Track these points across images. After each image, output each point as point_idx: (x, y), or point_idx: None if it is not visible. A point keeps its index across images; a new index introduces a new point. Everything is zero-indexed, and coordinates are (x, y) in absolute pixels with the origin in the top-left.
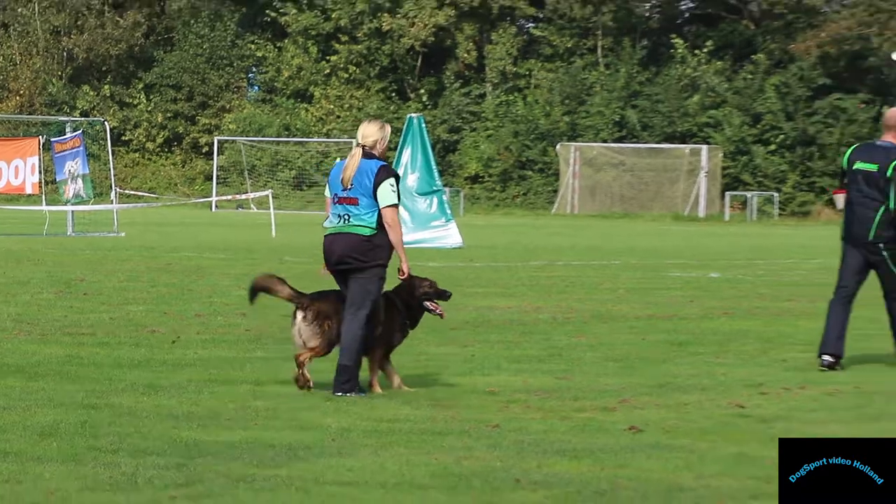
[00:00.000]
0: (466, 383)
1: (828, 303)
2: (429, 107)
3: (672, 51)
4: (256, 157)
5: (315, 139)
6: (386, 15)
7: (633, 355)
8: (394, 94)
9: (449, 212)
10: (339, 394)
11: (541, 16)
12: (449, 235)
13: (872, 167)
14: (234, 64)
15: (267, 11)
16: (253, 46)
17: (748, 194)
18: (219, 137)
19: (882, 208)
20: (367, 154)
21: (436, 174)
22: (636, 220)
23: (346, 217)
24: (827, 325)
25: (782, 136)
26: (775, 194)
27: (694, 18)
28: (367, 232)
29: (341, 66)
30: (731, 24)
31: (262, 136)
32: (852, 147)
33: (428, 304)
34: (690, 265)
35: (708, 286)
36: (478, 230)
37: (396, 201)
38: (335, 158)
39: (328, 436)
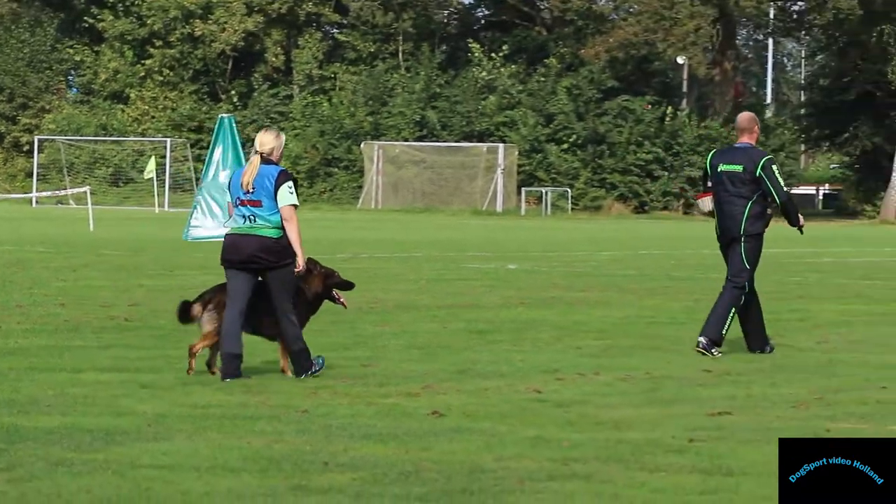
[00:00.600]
0: (276, 370)
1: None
2: (239, 108)
3: (469, 55)
4: (75, 156)
5: (131, 138)
6: (198, 21)
7: (436, 343)
8: (206, 96)
9: None
10: (304, 375)
11: (345, 22)
12: None
13: (737, 168)
14: (54, 67)
15: (85, 18)
16: (71, 51)
17: (543, 190)
18: (39, 137)
19: (749, 204)
20: (266, 160)
21: None
22: (437, 215)
23: (252, 218)
24: (712, 314)
25: (574, 136)
26: (568, 190)
27: (490, 25)
28: (275, 234)
29: (156, 69)
30: (524, 30)
31: (81, 136)
32: (712, 152)
33: (334, 292)
34: (489, 257)
35: (506, 277)
36: None
37: (296, 201)
38: (150, 156)
39: (144, 421)
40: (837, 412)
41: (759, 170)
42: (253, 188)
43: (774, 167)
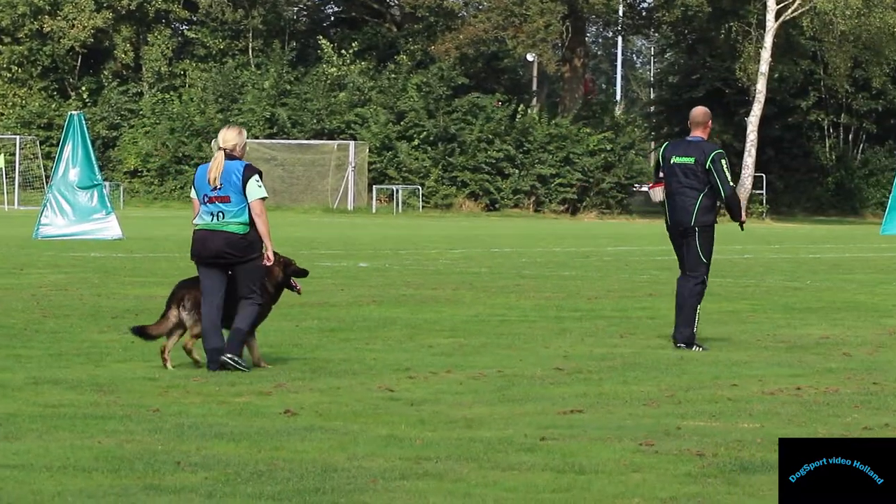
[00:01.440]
0: (127, 369)
1: (676, 281)
2: (89, 104)
3: (319, 52)
4: None
5: None
6: (47, 17)
7: (288, 342)
8: (55, 93)
9: (109, 205)
10: (228, 357)
11: (195, 19)
12: (109, 227)
13: (689, 160)
14: None
15: None
16: None
17: (394, 188)
18: None
19: (701, 196)
20: (229, 156)
21: (96, 169)
22: (288, 213)
23: (220, 214)
24: (677, 306)
25: (425, 133)
26: (419, 188)
27: (340, 21)
28: (242, 230)
29: (4, 66)
30: (374, 26)
31: None
32: (665, 144)
33: (293, 281)
34: (340, 255)
35: (357, 275)
36: (137, 222)
37: (265, 194)
38: None
39: None
40: (689, 410)
41: (708, 162)
42: (220, 184)
43: (723, 161)
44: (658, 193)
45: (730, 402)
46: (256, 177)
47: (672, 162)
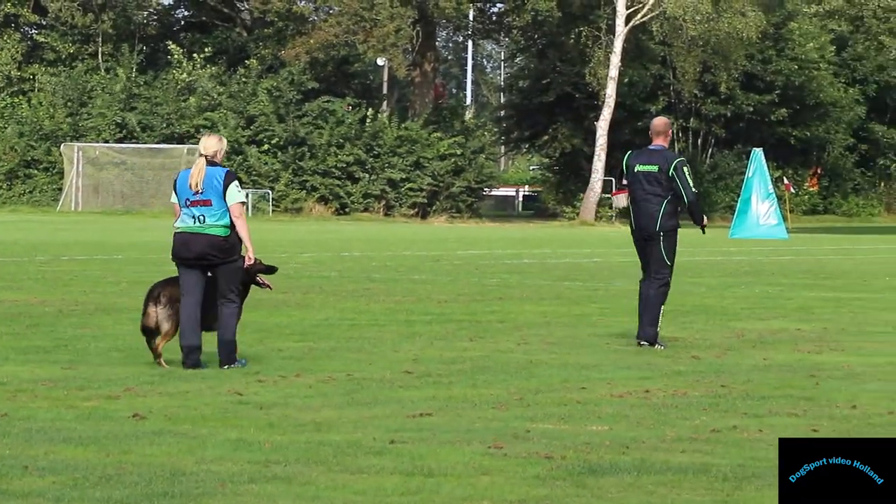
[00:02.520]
0: None
1: (639, 284)
2: None
3: (169, 56)
4: None
5: None
6: None
7: (137, 346)
8: None
9: None
10: (227, 367)
11: (44, 23)
12: None
13: (653, 168)
14: None
15: None
16: None
17: (244, 192)
18: None
19: (665, 202)
20: (210, 162)
21: None
22: (137, 217)
23: (202, 217)
24: (640, 307)
25: (275, 138)
26: (269, 192)
27: (189, 26)
28: (224, 233)
29: None
30: (224, 31)
31: None
32: (629, 153)
33: (258, 278)
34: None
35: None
36: None
37: (244, 199)
38: None
39: None
40: (538, 413)
41: (671, 170)
42: (202, 188)
43: (685, 168)
44: (622, 199)
45: (578, 405)
46: (236, 182)
47: (636, 170)
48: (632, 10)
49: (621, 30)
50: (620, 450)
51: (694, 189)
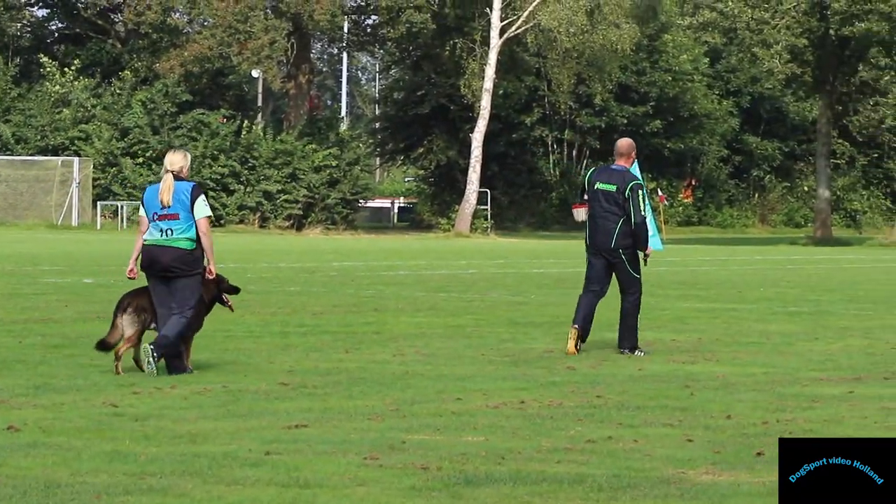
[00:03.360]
0: None
1: (578, 297)
2: None
3: (42, 69)
4: None
5: None
6: None
7: (11, 357)
8: None
9: None
10: (176, 374)
11: None
12: None
13: (611, 187)
14: None
15: None
16: None
17: (119, 204)
18: None
19: (621, 221)
20: (177, 177)
21: None
22: (11, 229)
23: (169, 231)
24: (577, 313)
25: (149, 150)
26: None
27: (63, 38)
28: (189, 246)
29: None
30: (98, 43)
31: None
32: (591, 170)
33: (224, 296)
34: (65, 271)
35: (82, 291)
36: None
37: (210, 213)
38: None
39: None
40: (413, 424)
41: (627, 190)
42: (171, 203)
43: (640, 192)
44: (581, 214)
45: (454, 416)
46: (203, 197)
47: (596, 187)
48: (506, 22)
49: (496, 42)
50: (496, 460)
51: (644, 213)
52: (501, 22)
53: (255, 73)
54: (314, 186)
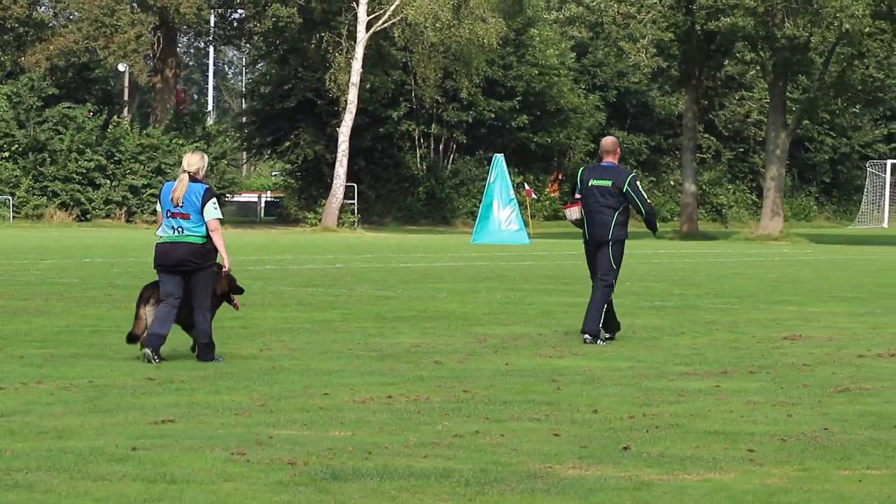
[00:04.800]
0: None
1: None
2: None
3: None
4: None
5: None
6: None
7: None
8: None
9: None
10: (212, 361)
11: None
12: None
13: (606, 183)
14: None
15: None
16: None
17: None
18: None
19: (616, 214)
20: (193, 178)
21: None
22: None
23: (181, 229)
24: (589, 310)
25: (15, 144)
26: (10, 198)
27: None
28: (200, 241)
29: None
30: None
31: None
32: (582, 168)
33: (233, 296)
34: None
35: None
36: None
37: (220, 216)
38: None
39: None
40: (280, 419)
41: (626, 186)
42: (182, 203)
43: (639, 183)
44: (575, 212)
45: (321, 411)
46: (214, 200)
47: (590, 184)
48: (373, 16)
49: (362, 36)
50: (363, 455)
51: (649, 201)
52: (368, 16)
53: (121, 67)
54: None
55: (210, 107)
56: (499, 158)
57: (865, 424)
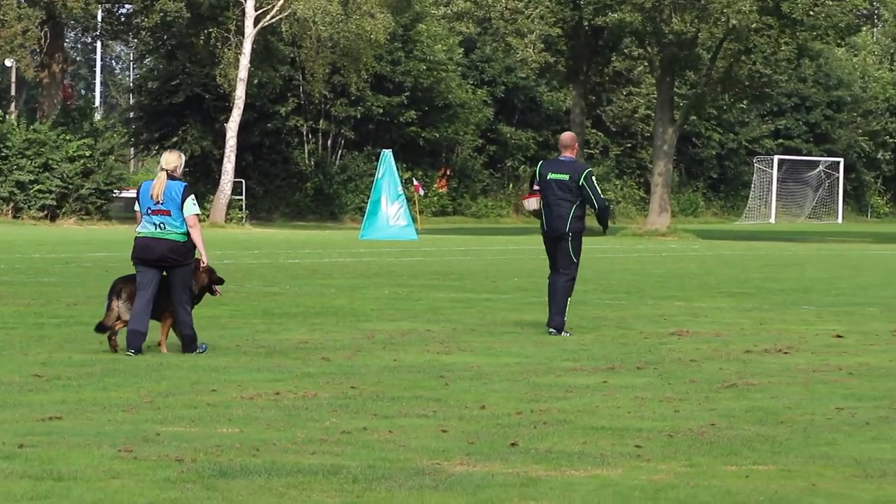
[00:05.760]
0: None
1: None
2: None
3: None
4: None
5: None
6: None
7: None
8: None
9: None
10: (195, 352)
11: None
12: None
13: (564, 176)
14: None
15: None
16: None
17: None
18: None
19: (573, 207)
20: (171, 176)
21: None
22: None
23: (162, 225)
24: (550, 297)
25: None
26: None
27: None
28: (182, 239)
29: None
30: None
31: None
32: (541, 163)
33: (214, 286)
34: None
35: None
36: None
37: (199, 212)
38: None
39: None
40: (168, 415)
41: (582, 179)
42: (162, 200)
43: (594, 178)
44: (533, 203)
45: (209, 408)
46: (193, 197)
47: (548, 178)
48: (261, 11)
49: (250, 31)
50: (251, 452)
51: (602, 196)
52: (256, 11)
53: (7, 63)
54: (68, 177)
55: (97, 102)
56: (387, 154)
57: (752, 420)
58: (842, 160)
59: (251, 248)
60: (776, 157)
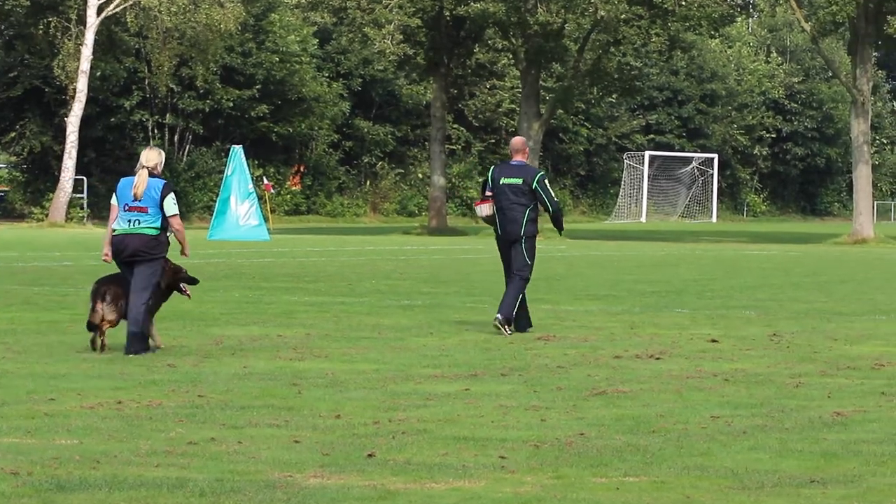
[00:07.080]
0: None
1: (505, 282)
2: None
3: None
4: None
5: None
6: None
7: None
8: None
9: None
10: (132, 354)
11: None
12: None
13: (517, 181)
14: None
15: None
16: None
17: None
18: None
19: (527, 211)
20: (151, 174)
21: None
22: None
23: (137, 221)
24: (505, 296)
25: None
26: None
27: None
28: (154, 233)
29: None
30: None
31: None
32: (493, 168)
33: (182, 285)
34: None
35: None
36: None
37: (177, 211)
38: None
39: None
40: (3, 426)
41: (535, 183)
42: (142, 197)
43: (546, 182)
44: (485, 209)
45: (47, 418)
46: (172, 195)
47: (501, 182)
48: (104, 0)
49: (93, 21)
50: (91, 464)
51: (556, 199)
52: (98, 1)
53: None
54: None
55: None
56: (237, 150)
57: (623, 429)
58: (716, 156)
59: (93, 249)
60: (647, 153)
